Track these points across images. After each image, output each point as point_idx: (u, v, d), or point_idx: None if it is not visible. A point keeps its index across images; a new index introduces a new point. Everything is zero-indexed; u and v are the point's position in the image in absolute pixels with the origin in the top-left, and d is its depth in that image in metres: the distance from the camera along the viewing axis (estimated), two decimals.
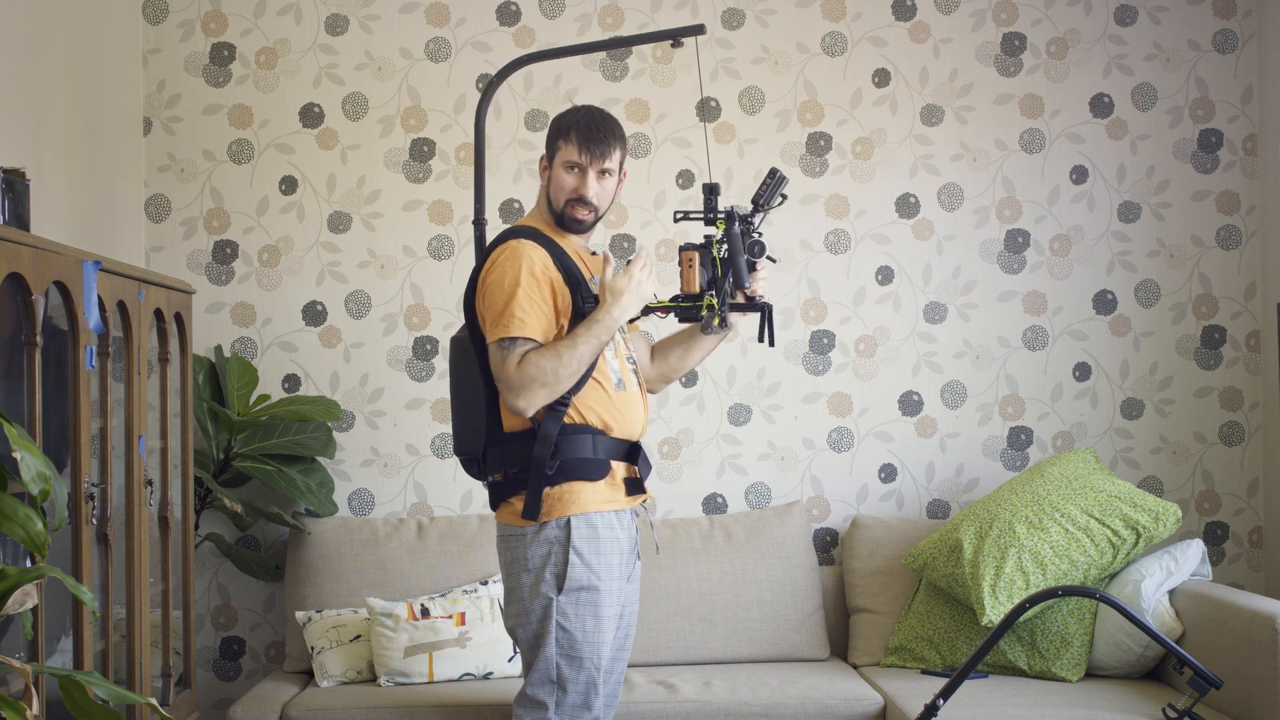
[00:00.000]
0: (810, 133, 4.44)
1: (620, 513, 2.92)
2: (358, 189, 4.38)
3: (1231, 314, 4.46)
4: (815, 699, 3.65)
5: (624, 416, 2.94)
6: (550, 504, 2.85)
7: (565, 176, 2.95)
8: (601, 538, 2.87)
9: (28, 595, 2.09)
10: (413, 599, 3.94)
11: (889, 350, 4.44)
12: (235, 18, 4.37)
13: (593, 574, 2.85)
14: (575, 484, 2.86)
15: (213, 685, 4.34)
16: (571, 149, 2.95)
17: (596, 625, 2.86)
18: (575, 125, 2.96)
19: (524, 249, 2.88)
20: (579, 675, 2.86)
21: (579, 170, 2.95)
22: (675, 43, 3.16)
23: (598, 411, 2.89)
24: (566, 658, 2.84)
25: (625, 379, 2.97)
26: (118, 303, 3.19)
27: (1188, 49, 4.47)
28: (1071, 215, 4.46)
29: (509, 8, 4.40)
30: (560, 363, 2.78)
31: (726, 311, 2.92)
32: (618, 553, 2.90)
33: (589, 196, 2.95)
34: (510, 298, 2.83)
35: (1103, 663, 3.82)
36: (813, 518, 4.42)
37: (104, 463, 3.12)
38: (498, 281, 2.86)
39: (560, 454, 2.85)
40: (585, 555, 2.84)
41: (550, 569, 2.84)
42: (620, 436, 2.93)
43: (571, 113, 3.01)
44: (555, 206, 2.97)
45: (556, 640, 2.84)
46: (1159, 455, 4.46)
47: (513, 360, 2.80)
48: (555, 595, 2.84)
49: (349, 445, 4.37)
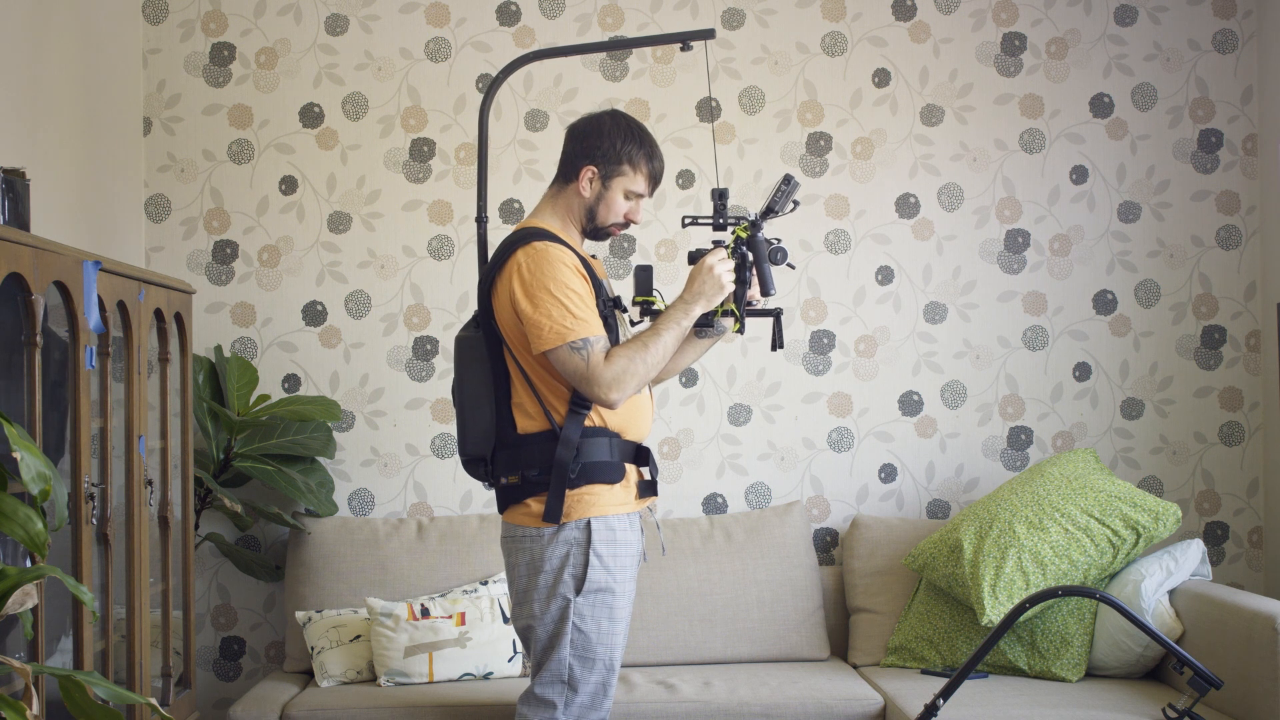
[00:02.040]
0: (810, 133, 4.44)
1: (633, 515, 2.94)
2: (358, 189, 4.38)
3: (1231, 314, 4.46)
4: (815, 699, 3.65)
5: (639, 420, 2.96)
6: (570, 506, 2.85)
7: (623, 202, 2.98)
8: (619, 540, 2.88)
9: (28, 595, 2.09)
10: (413, 599, 3.94)
11: (889, 350, 4.44)
12: (235, 18, 4.37)
13: (610, 576, 2.86)
14: (595, 486, 2.87)
15: (213, 685, 4.35)
16: (640, 180, 2.97)
17: (611, 627, 2.87)
18: (648, 158, 2.97)
19: (554, 252, 2.86)
20: (591, 676, 2.86)
21: (637, 199, 2.99)
22: (684, 46, 3.13)
23: (616, 414, 2.90)
24: (580, 659, 2.85)
25: None
26: (118, 303, 3.19)
27: (1188, 49, 4.47)
28: (1071, 215, 4.46)
29: (509, 8, 4.40)
30: (648, 352, 2.82)
31: (742, 319, 2.92)
32: (631, 555, 2.92)
33: (639, 222, 3.05)
34: (566, 300, 2.81)
35: (1103, 663, 3.82)
36: (813, 518, 4.43)
37: (104, 463, 3.12)
38: (542, 285, 2.82)
39: (581, 457, 2.85)
40: (605, 558, 2.85)
41: (569, 570, 2.84)
42: (632, 439, 2.95)
43: (638, 134, 2.97)
44: (599, 222, 2.98)
45: (572, 641, 2.84)
46: (1159, 455, 4.46)
47: (596, 358, 2.80)
48: (573, 596, 2.84)
49: (349, 445, 4.37)
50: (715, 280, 2.86)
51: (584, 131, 2.98)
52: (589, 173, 2.95)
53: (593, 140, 2.95)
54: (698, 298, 2.86)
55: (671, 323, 2.85)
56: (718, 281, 2.86)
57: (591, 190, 2.96)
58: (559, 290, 2.81)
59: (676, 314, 2.86)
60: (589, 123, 2.99)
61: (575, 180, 2.97)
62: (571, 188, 2.98)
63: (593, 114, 3.04)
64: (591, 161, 2.95)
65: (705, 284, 2.86)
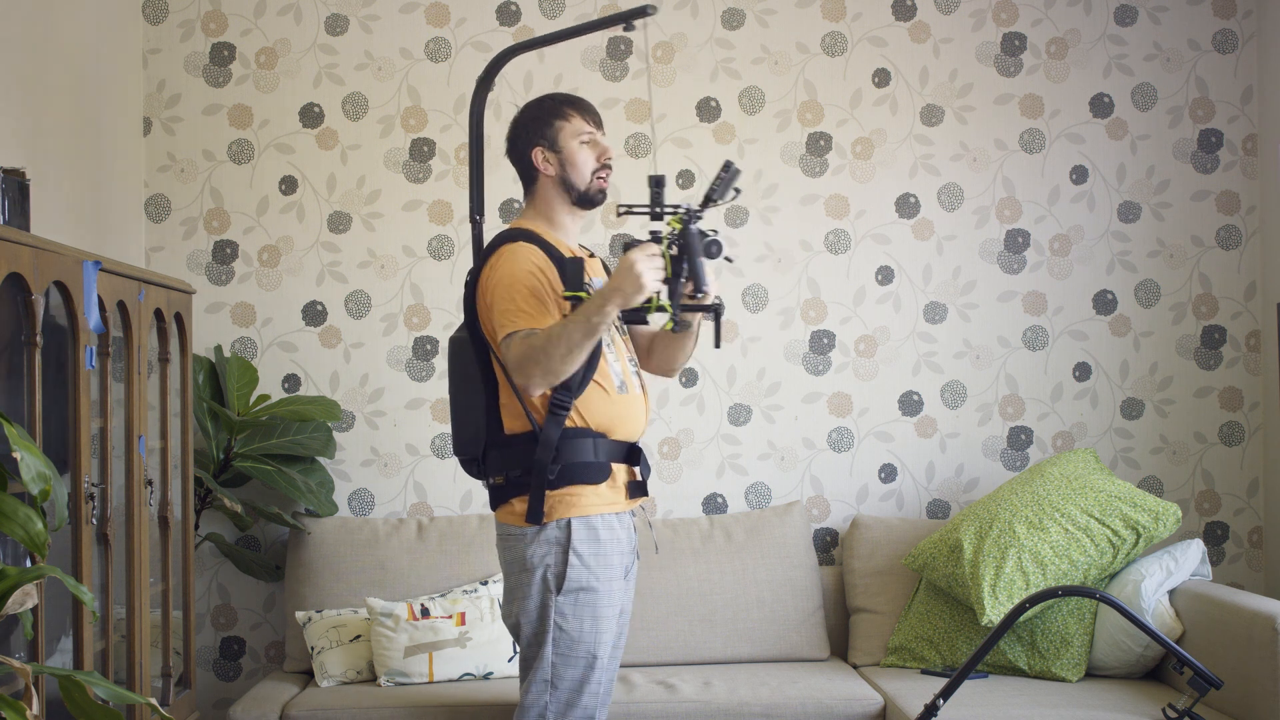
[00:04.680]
0: (810, 133, 4.44)
1: (621, 514, 2.94)
2: (358, 189, 4.38)
3: (1231, 314, 4.46)
4: (815, 699, 3.65)
5: (626, 419, 2.94)
6: (551, 506, 2.86)
7: (584, 150, 2.96)
8: (602, 540, 2.88)
9: (28, 595, 2.09)
10: (413, 599, 3.94)
11: (889, 350, 4.44)
12: (235, 18, 4.37)
13: (592, 575, 2.86)
14: (576, 487, 2.87)
15: (213, 685, 4.34)
16: (578, 121, 2.97)
17: (594, 626, 2.87)
18: (566, 101, 2.99)
19: (521, 250, 2.89)
20: (574, 674, 2.87)
21: (592, 139, 2.97)
22: (627, 26, 3.08)
23: (599, 415, 2.89)
24: (563, 657, 2.86)
25: (627, 382, 2.97)
26: (118, 303, 3.19)
27: (1188, 49, 4.47)
28: (1071, 215, 4.46)
29: (509, 8, 4.40)
30: (548, 342, 2.73)
31: (679, 313, 2.79)
32: (618, 554, 2.91)
33: (612, 158, 2.99)
34: (514, 296, 2.83)
35: (1103, 663, 3.82)
36: (813, 518, 4.42)
37: (104, 463, 3.12)
38: (500, 282, 2.86)
39: (562, 457, 2.85)
40: (585, 557, 2.85)
41: (550, 569, 2.85)
42: (621, 439, 2.94)
43: (544, 98, 3.04)
44: (581, 184, 2.97)
45: (554, 640, 2.86)
46: (1159, 455, 4.46)
47: (513, 346, 2.80)
48: (554, 595, 2.85)
49: (349, 445, 4.37)
50: (634, 278, 2.70)
51: (512, 136, 3.04)
52: (538, 153, 2.99)
53: (520, 132, 3.01)
54: (614, 294, 2.72)
55: (582, 317, 2.73)
56: (637, 280, 2.70)
57: (552, 163, 2.98)
58: (508, 287, 2.84)
59: (589, 308, 2.73)
60: (510, 129, 3.05)
61: (536, 172, 3.00)
62: (539, 181, 3.01)
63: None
64: (531, 145, 2.99)
65: (623, 281, 2.71)
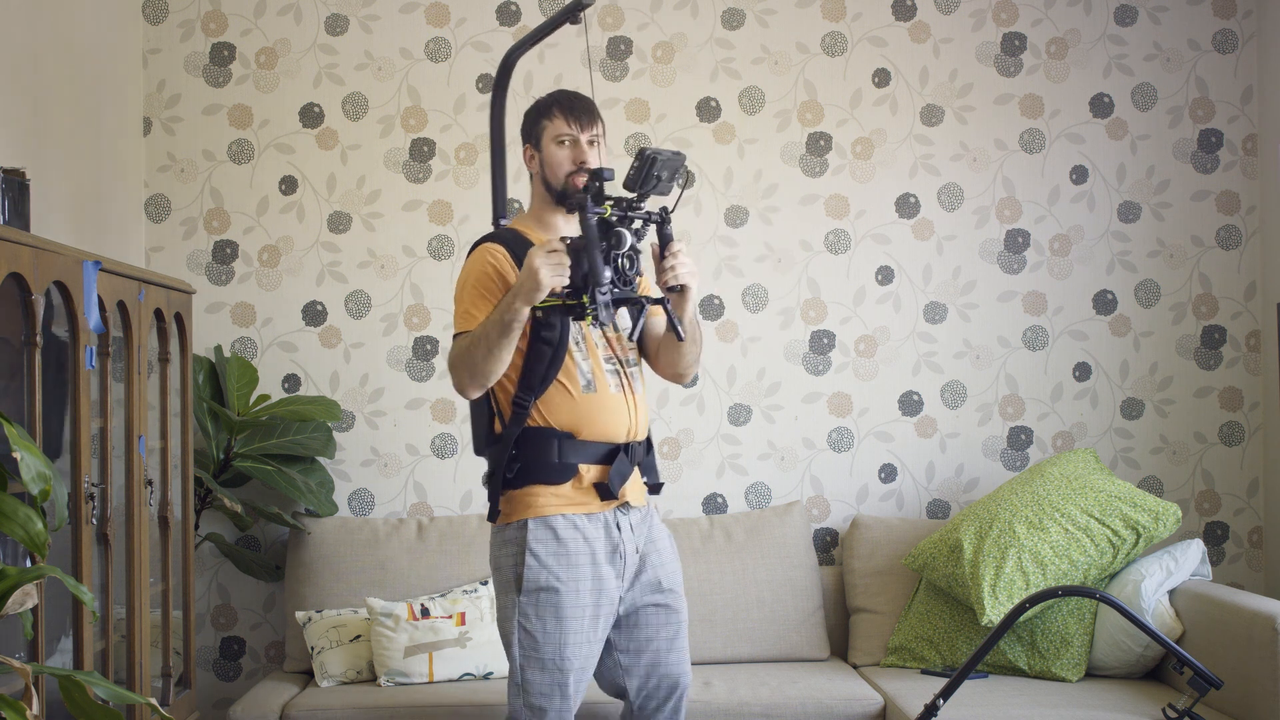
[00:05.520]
0: (810, 133, 4.44)
1: (593, 515, 2.88)
2: (358, 189, 4.38)
3: (1231, 314, 4.46)
4: (815, 699, 3.65)
5: (594, 419, 2.88)
6: (511, 506, 2.87)
7: (559, 151, 2.95)
8: (563, 539, 2.84)
9: (28, 595, 2.09)
10: (413, 599, 3.95)
11: (889, 350, 4.44)
12: (235, 18, 4.37)
13: (551, 575, 2.82)
14: (535, 487, 2.85)
15: (213, 685, 4.34)
16: (559, 122, 2.97)
17: (559, 627, 2.82)
18: (555, 102, 3.00)
19: (480, 253, 2.91)
20: (540, 677, 2.83)
21: (571, 141, 2.95)
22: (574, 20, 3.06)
23: (562, 414, 2.86)
24: (528, 658, 2.84)
25: (597, 381, 2.89)
26: (118, 303, 3.19)
27: (1188, 49, 4.47)
28: (1071, 215, 4.46)
29: (509, 8, 4.40)
30: (472, 343, 2.77)
31: (596, 309, 2.71)
32: (587, 554, 2.85)
33: (590, 162, 2.91)
34: (462, 299, 2.88)
35: (1103, 663, 3.82)
36: (813, 518, 4.42)
37: (104, 463, 3.12)
38: (459, 283, 2.92)
39: (522, 457, 2.86)
40: (542, 556, 2.83)
41: (512, 569, 2.86)
42: (592, 439, 2.88)
43: (542, 98, 3.06)
44: (556, 185, 2.95)
45: (519, 641, 2.84)
46: (1159, 455, 4.46)
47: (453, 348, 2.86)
48: (517, 595, 2.85)
49: (349, 445, 4.37)
50: (531, 275, 2.70)
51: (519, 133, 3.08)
52: (527, 152, 3.02)
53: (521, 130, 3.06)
54: (518, 293, 2.71)
55: (495, 318, 2.75)
56: (534, 277, 2.69)
57: (536, 162, 3.00)
58: (460, 290, 2.90)
59: (500, 308, 2.75)
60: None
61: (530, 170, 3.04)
62: (532, 180, 3.04)
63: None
64: (524, 143, 3.03)
65: (524, 279, 2.71)
